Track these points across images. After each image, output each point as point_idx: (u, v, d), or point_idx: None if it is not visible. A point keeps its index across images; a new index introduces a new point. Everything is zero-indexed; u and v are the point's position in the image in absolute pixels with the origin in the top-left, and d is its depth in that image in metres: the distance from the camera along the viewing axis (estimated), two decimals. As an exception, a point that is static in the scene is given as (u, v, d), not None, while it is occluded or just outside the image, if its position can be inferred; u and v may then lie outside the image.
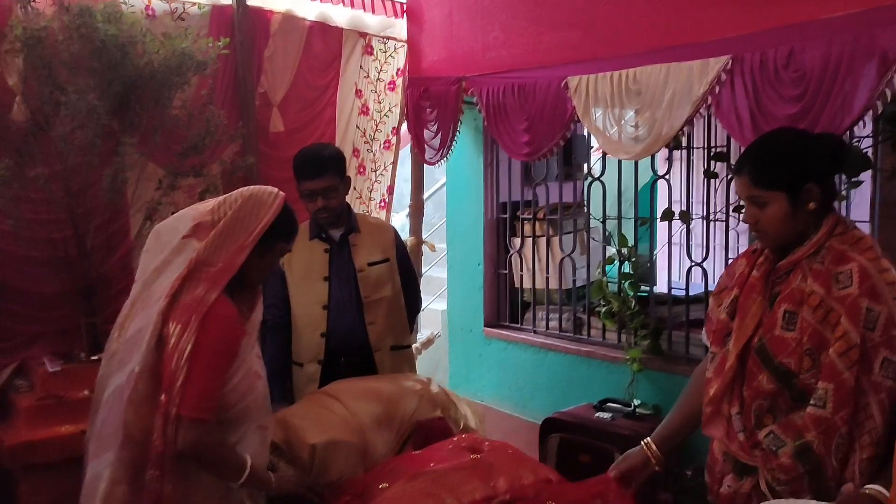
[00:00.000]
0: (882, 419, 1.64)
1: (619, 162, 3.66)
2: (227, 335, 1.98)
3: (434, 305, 5.84)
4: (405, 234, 4.26)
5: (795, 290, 1.76)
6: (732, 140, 3.28)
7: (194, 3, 3.28)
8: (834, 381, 1.65)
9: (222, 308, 1.98)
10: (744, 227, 3.76)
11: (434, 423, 2.63)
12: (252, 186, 2.16)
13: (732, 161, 3.36)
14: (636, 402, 3.43)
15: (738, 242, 4.35)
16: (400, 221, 5.40)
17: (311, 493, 2.20)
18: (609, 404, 3.47)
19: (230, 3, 3.39)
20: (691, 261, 3.50)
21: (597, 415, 3.39)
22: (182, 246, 2.04)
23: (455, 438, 2.38)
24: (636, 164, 3.59)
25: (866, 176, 2.79)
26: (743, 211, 1.87)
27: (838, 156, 1.81)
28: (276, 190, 2.14)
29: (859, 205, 2.99)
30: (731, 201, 3.41)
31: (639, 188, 3.75)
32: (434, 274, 5.71)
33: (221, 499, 2.05)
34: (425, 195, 4.69)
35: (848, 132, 2.43)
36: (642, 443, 2.06)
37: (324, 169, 2.82)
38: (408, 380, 2.84)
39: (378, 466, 2.31)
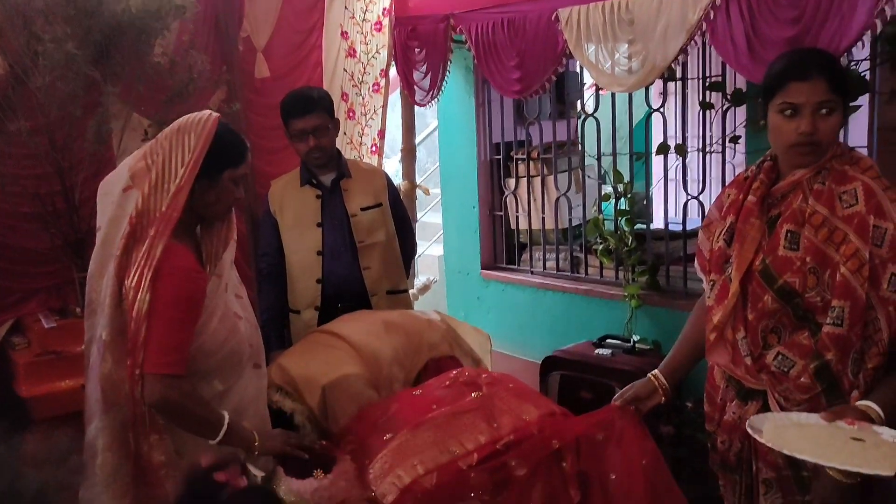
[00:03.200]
0: (888, 332, 1.67)
1: (613, 97, 3.59)
2: (183, 286, 1.86)
3: (430, 251, 5.82)
4: (398, 180, 4.22)
5: (797, 210, 1.76)
6: (728, 69, 3.22)
7: (170, -55, 3.17)
8: (849, 298, 1.66)
9: (175, 258, 1.86)
10: (739, 158, 3.74)
11: (445, 362, 2.61)
12: (182, 117, 1.95)
13: (728, 91, 3.30)
14: (635, 337, 3.44)
15: (735, 174, 4.29)
16: (393, 167, 5.34)
17: (298, 452, 2.03)
18: (609, 341, 3.48)
19: (208, -56, 3.28)
20: (688, 195, 3.46)
21: (597, 352, 3.40)
22: (124, 199, 1.91)
23: (453, 373, 2.37)
24: (630, 98, 3.52)
25: (863, 100, 2.74)
26: (796, 121, 1.72)
27: None
28: (206, 113, 1.95)
29: (854, 130, 2.94)
30: (727, 132, 3.36)
31: (633, 123, 3.69)
32: (429, 219, 5.67)
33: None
34: (417, 140, 4.62)
35: (846, 54, 2.38)
36: (650, 374, 2.06)
37: (313, 106, 2.79)
38: (418, 312, 2.84)
39: (378, 409, 2.25)
